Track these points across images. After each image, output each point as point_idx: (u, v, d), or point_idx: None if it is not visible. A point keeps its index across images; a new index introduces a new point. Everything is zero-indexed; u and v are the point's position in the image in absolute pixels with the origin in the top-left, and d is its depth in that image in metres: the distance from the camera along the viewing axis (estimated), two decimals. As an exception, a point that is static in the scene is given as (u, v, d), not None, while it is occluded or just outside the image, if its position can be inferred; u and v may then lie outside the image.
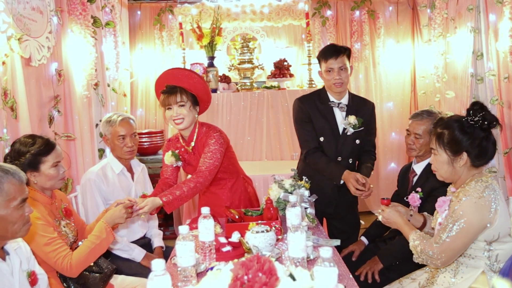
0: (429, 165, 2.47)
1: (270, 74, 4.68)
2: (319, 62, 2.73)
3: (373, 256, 2.50)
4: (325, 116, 2.74)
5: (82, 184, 2.68)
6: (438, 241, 1.78)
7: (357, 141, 2.76)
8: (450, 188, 1.96)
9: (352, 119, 2.70)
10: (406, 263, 2.30)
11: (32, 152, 1.99)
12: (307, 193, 2.49)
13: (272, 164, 3.99)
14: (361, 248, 2.68)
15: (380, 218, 2.05)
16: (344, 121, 2.72)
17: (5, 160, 2.04)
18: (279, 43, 5.06)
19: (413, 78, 5.15)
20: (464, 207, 1.75)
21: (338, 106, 2.74)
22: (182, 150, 2.58)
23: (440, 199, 1.93)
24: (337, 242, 2.17)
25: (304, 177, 2.58)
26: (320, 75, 2.76)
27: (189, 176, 2.57)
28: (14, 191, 1.51)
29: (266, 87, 4.57)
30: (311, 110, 2.74)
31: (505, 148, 3.39)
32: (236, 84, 4.60)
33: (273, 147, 4.37)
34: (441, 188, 2.31)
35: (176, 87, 2.39)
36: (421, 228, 2.13)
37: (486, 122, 1.81)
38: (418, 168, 2.52)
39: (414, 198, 2.39)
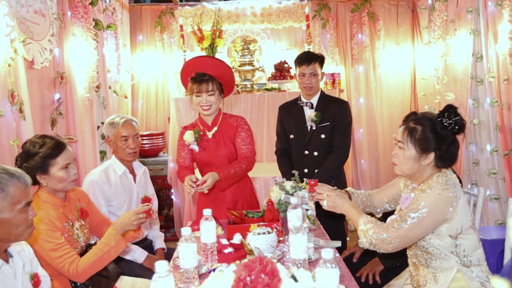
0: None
1: (270, 76, 4.70)
2: (295, 67, 3.10)
3: (374, 257, 2.51)
4: (296, 116, 3.11)
5: (85, 185, 2.69)
6: (395, 226, 1.79)
7: (323, 136, 3.03)
8: (412, 184, 1.96)
9: (313, 114, 3.01)
10: (406, 265, 2.31)
11: (41, 155, 1.98)
12: (308, 194, 2.50)
13: (273, 166, 3.98)
14: (362, 249, 2.70)
15: (324, 203, 2.01)
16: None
17: (16, 161, 2.04)
18: (280, 45, 5.07)
19: (413, 80, 5.16)
20: (428, 198, 1.76)
21: (306, 105, 3.07)
22: (200, 133, 2.67)
23: (403, 196, 1.93)
24: (338, 243, 2.19)
25: (305, 179, 2.60)
26: (295, 77, 3.13)
27: (197, 171, 2.72)
28: (18, 195, 1.52)
29: (267, 89, 4.59)
30: (285, 115, 3.17)
31: (505, 149, 3.40)
32: (237, 86, 4.61)
33: (273, 149, 4.37)
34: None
35: (205, 75, 2.53)
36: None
37: (457, 127, 1.82)
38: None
39: (415, 200, 2.40)
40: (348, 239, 4.40)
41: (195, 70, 2.57)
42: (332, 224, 2.89)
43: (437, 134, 1.82)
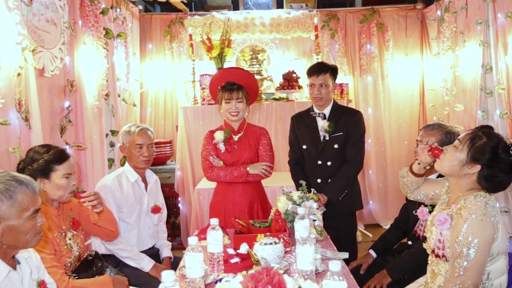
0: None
1: (279, 85, 4.71)
2: (307, 77, 3.08)
3: (382, 269, 2.49)
4: (308, 126, 3.10)
5: (97, 190, 2.71)
6: (458, 271, 1.71)
7: (336, 146, 3.00)
8: (451, 206, 1.87)
9: (326, 125, 3.00)
10: (414, 277, 2.29)
11: (45, 158, 2.01)
12: (315, 205, 2.49)
13: (280, 176, 3.99)
14: (369, 261, 2.68)
15: None
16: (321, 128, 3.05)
17: (18, 166, 2.06)
18: (288, 55, 5.09)
19: (422, 91, 5.15)
20: (472, 227, 1.70)
21: (319, 116, 3.06)
22: (230, 133, 2.83)
23: (441, 216, 1.85)
24: (345, 255, 2.17)
25: (312, 189, 2.60)
26: (308, 87, 3.09)
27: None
28: (27, 202, 1.53)
29: (275, 99, 4.59)
30: (297, 125, 3.17)
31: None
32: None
33: (281, 159, 4.38)
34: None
35: (235, 84, 2.74)
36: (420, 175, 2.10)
37: None
38: (427, 181, 2.51)
39: (423, 212, 2.38)
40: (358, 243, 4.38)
41: (225, 79, 2.77)
42: (342, 235, 2.88)
43: (495, 153, 1.76)
